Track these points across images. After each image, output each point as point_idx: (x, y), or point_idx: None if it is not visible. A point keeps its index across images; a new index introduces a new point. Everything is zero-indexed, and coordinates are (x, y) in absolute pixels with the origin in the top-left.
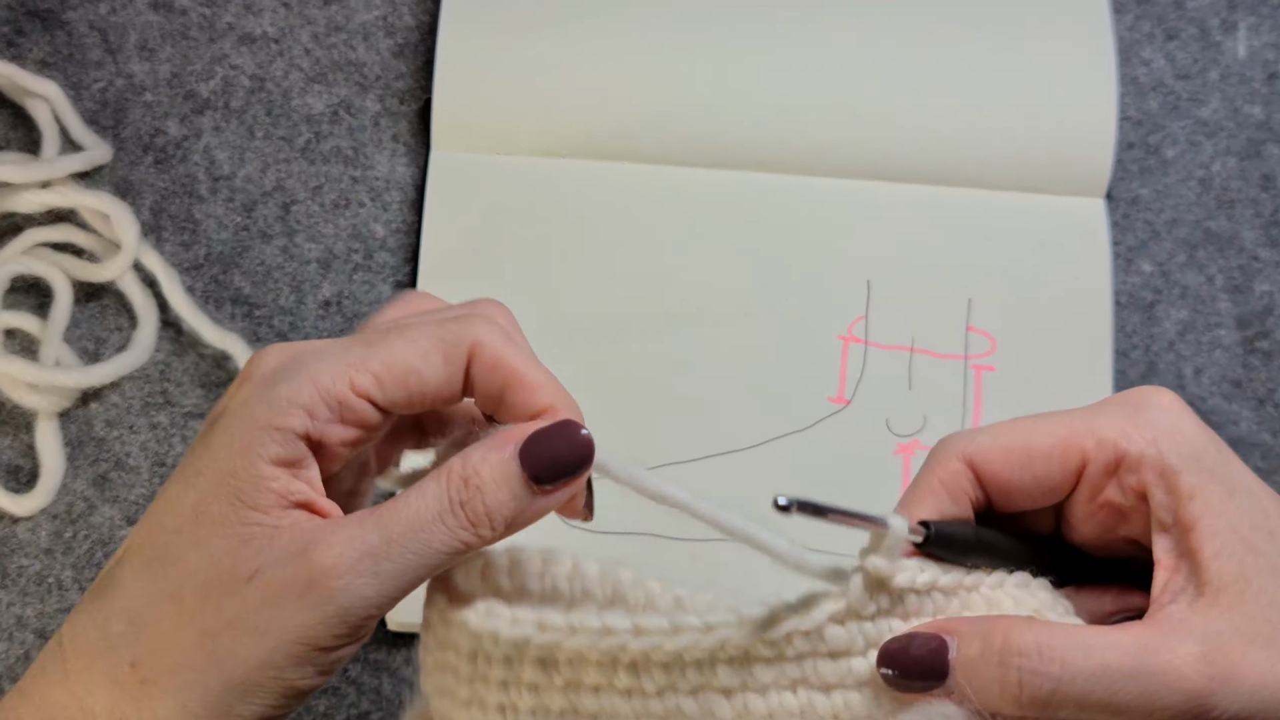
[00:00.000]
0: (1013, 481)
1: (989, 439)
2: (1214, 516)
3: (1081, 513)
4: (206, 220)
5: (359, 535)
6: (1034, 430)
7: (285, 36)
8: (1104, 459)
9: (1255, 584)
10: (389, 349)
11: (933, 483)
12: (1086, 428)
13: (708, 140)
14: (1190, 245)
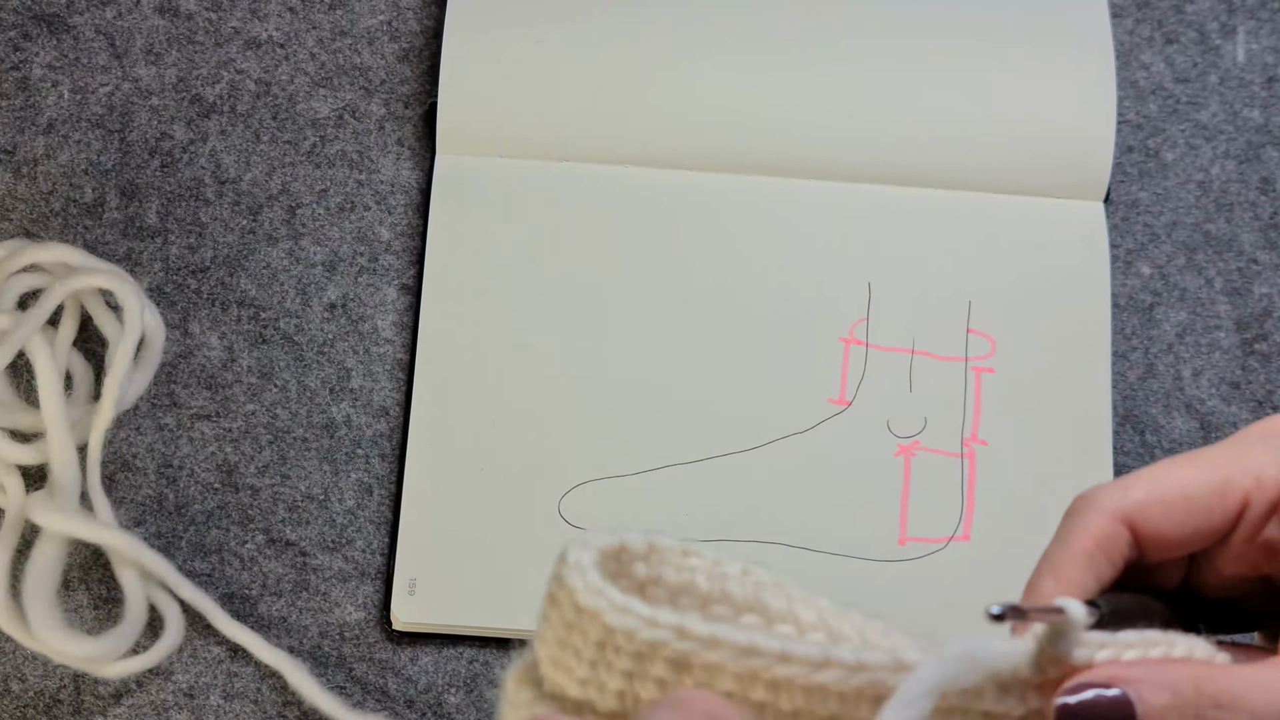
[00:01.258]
0: (1174, 535)
1: (1144, 493)
2: None
3: (1234, 554)
4: (212, 223)
5: None
6: (1189, 478)
7: (291, 41)
8: (1266, 499)
9: None
10: None
11: (1087, 544)
12: (1242, 467)
13: (710, 144)
14: (1189, 248)
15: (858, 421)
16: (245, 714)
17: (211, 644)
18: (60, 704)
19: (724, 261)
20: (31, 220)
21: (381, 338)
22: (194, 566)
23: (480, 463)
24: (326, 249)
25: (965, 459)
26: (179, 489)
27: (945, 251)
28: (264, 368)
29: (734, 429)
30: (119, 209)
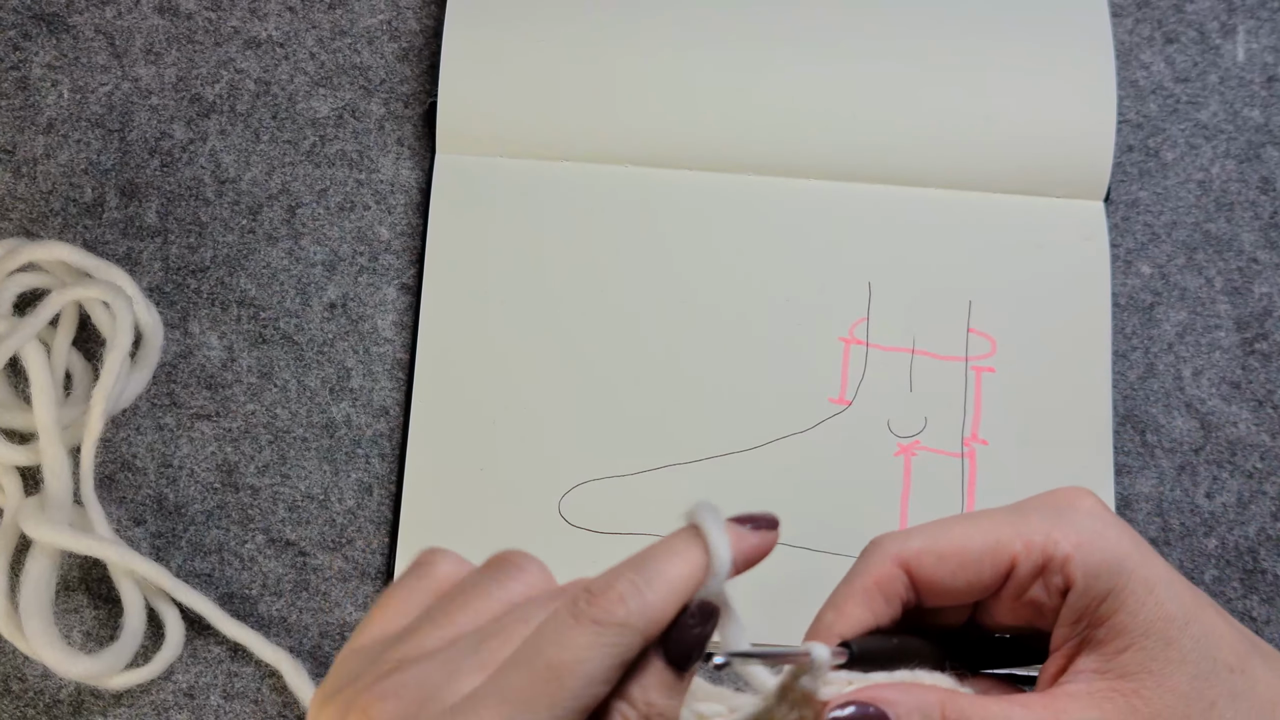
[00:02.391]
0: (945, 583)
1: (922, 543)
2: (1128, 615)
3: (1004, 608)
4: (212, 223)
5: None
6: (965, 535)
7: (290, 40)
8: (1031, 562)
9: (1159, 674)
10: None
11: (867, 584)
12: (1014, 531)
13: (710, 144)
14: (1189, 248)
15: (858, 421)
16: (245, 714)
17: (211, 644)
18: (60, 704)
19: (723, 261)
20: (31, 220)
21: (381, 337)
22: (194, 566)
23: (480, 462)
24: (326, 249)
25: (965, 459)
26: (179, 489)
27: (945, 251)
28: (264, 367)
29: (734, 428)
30: (118, 208)
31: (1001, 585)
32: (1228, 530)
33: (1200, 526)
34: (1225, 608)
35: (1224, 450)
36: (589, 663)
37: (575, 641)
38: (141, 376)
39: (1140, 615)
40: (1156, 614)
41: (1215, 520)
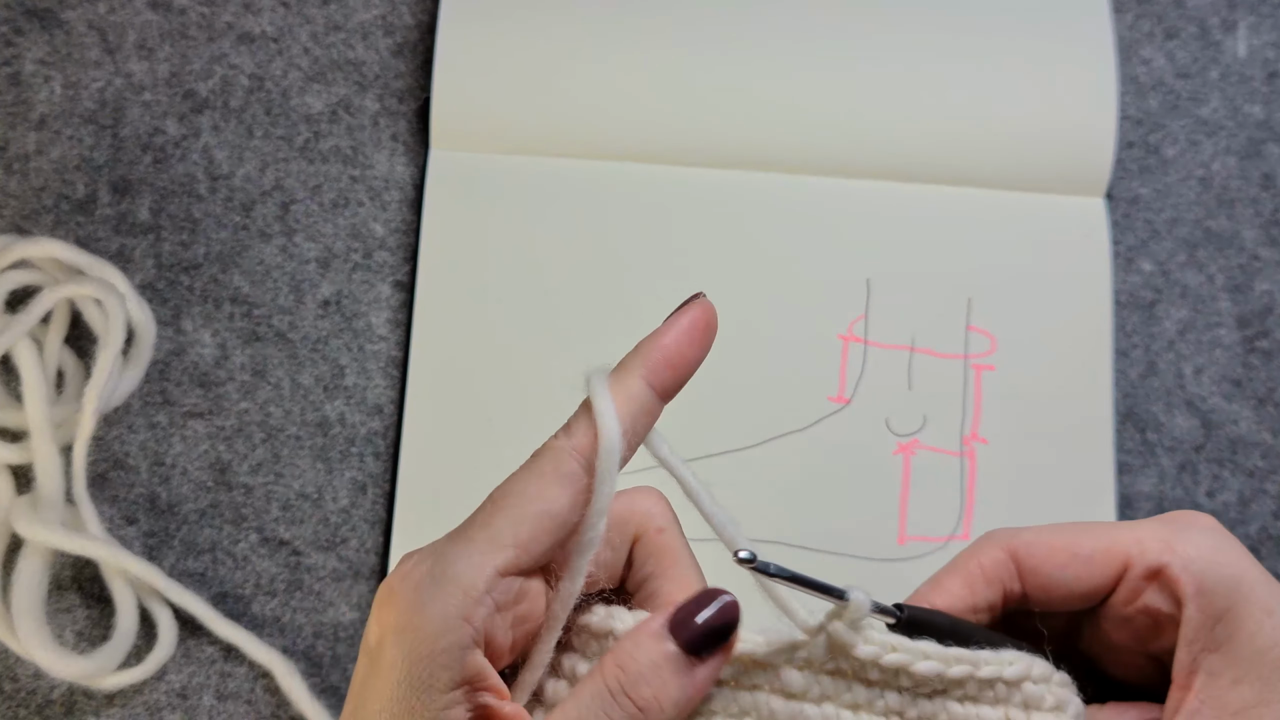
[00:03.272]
0: (1054, 578)
1: (1035, 535)
2: (1242, 642)
3: (1115, 619)
4: (205, 219)
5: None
6: (1080, 531)
7: (284, 36)
8: (1146, 564)
9: (1274, 706)
10: (506, 524)
11: (971, 566)
12: (1132, 536)
13: (706, 139)
14: (1190, 244)
15: (857, 419)
16: (238, 714)
17: (204, 644)
18: (52, 704)
19: (721, 258)
20: (23, 216)
21: (375, 335)
22: (186, 566)
23: (475, 460)
24: (320, 245)
25: (965, 457)
26: (171, 487)
27: (945, 248)
28: (257, 365)
29: (732, 427)
30: (111, 205)
31: (1111, 590)
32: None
33: None
34: None
35: (1225, 448)
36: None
37: (514, 475)
38: (134, 374)
39: (1259, 640)
40: (1275, 639)
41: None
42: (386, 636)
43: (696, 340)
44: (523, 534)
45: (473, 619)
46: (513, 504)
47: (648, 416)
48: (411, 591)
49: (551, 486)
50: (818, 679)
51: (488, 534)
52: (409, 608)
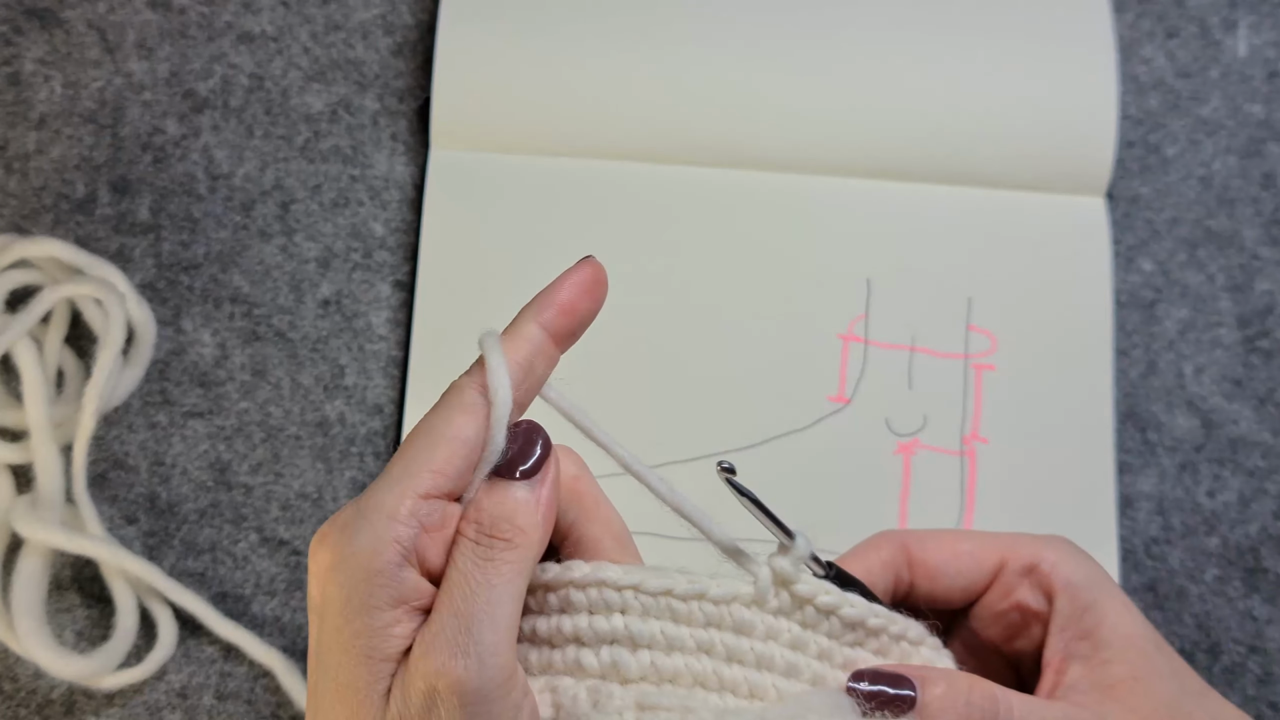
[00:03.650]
0: (940, 570)
1: (925, 533)
2: (1109, 630)
3: (989, 614)
4: (205, 219)
5: (437, 631)
6: (963, 534)
7: (284, 35)
8: (1020, 563)
9: (1145, 682)
10: (419, 453)
11: (869, 555)
12: (1007, 541)
13: (706, 139)
14: (1191, 244)
15: (857, 419)
16: (238, 714)
17: (204, 644)
18: (52, 704)
19: (721, 258)
20: (23, 216)
21: (375, 334)
22: (186, 565)
23: None
24: (320, 245)
25: (965, 457)
26: (171, 487)
27: (945, 247)
28: (257, 365)
29: (732, 426)
30: (111, 205)
31: (989, 585)
32: (1229, 529)
33: (1202, 525)
34: (1226, 607)
35: (1225, 448)
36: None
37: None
38: (134, 374)
39: (1121, 628)
40: (1134, 630)
41: (1217, 519)
42: (325, 581)
43: (587, 293)
44: (436, 460)
45: (401, 539)
46: (424, 436)
47: (543, 357)
48: (339, 532)
49: (457, 416)
50: (762, 618)
51: (403, 465)
52: (338, 544)
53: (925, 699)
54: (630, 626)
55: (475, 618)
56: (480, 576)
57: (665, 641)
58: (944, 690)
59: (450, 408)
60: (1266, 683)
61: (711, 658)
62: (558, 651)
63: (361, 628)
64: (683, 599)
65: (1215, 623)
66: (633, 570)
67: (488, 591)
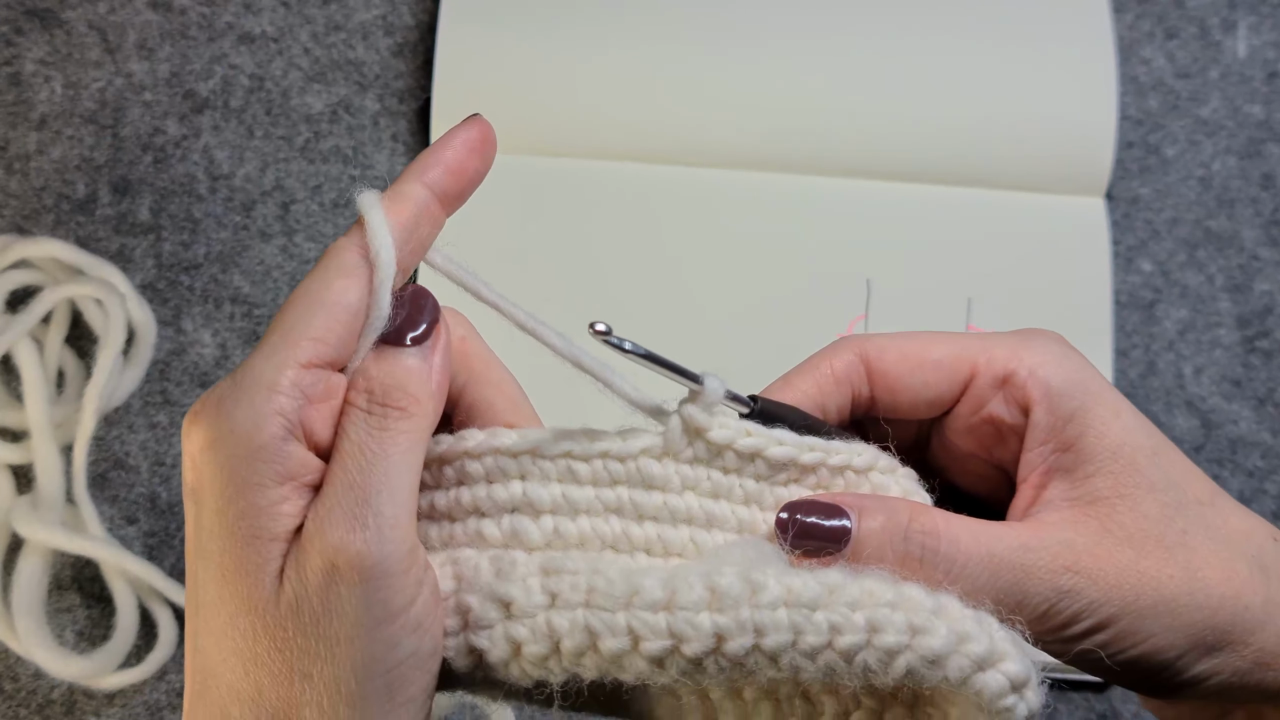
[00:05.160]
0: (902, 382)
1: (887, 340)
2: (1094, 439)
3: (961, 426)
4: (206, 219)
5: (331, 504)
6: (931, 340)
7: (284, 36)
8: (993, 373)
9: (1130, 498)
10: (297, 320)
11: (823, 367)
12: (980, 345)
13: (707, 140)
14: (1190, 244)
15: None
16: None
17: None
18: (53, 704)
19: (722, 258)
20: (24, 216)
21: None
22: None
23: None
24: (320, 245)
25: None
26: (172, 487)
27: (946, 248)
28: None
29: None
30: (111, 205)
31: (959, 398)
32: None
33: None
34: None
35: (1225, 448)
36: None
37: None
38: (134, 374)
39: (1107, 438)
40: (1124, 439)
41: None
42: (201, 461)
43: (475, 151)
44: (316, 327)
45: (283, 411)
46: (301, 302)
47: (428, 218)
48: (214, 407)
49: (336, 279)
50: (677, 469)
51: (281, 333)
52: (215, 421)
53: (860, 532)
54: (529, 493)
55: (373, 489)
56: (376, 447)
57: (569, 505)
58: (882, 523)
59: (328, 271)
60: None
61: (621, 517)
62: (458, 525)
63: (246, 507)
64: (584, 459)
65: None
66: (529, 433)
67: (384, 462)
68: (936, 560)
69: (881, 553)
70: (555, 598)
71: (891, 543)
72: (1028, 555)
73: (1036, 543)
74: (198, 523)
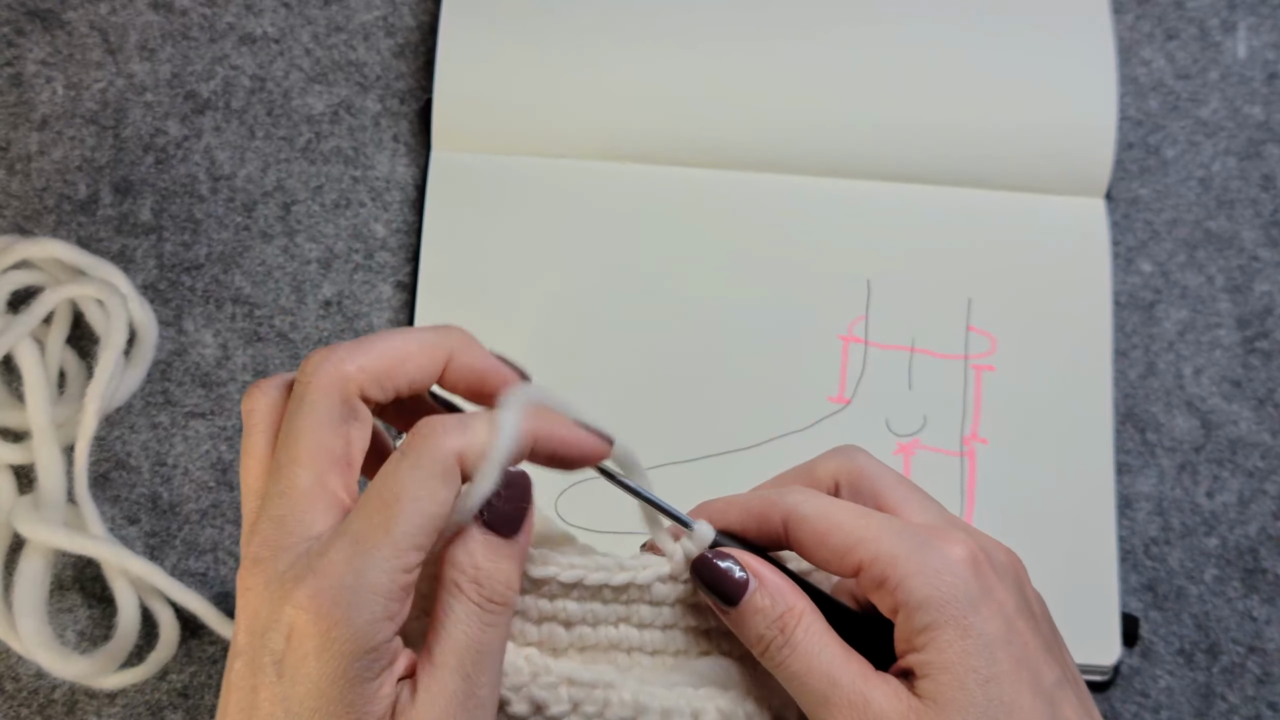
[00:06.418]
0: (811, 555)
1: (811, 510)
2: (935, 651)
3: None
4: (207, 220)
5: (444, 691)
6: (835, 528)
7: (286, 36)
8: (872, 576)
9: (947, 709)
10: (406, 523)
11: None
12: (874, 550)
13: (707, 140)
14: (1190, 245)
15: (857, 420)
16: None
17: (206, 644)
18: (54, 704)
19: (722, 258)
20: (25, 217)
21: None
22: (188, 565)
23: None
24: (321, 246)
25: (965, 458)
26: (173, 487)
27: (945, 248)
28: (258, 365)
29: (732, 427)
30: (113, 205)
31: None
32: (1228, 529)
33: (1201, 526)
34: (1225, 608)
35: (1225, 449)
36: (412, 489)
37: (401, 476)
38: (135, 374)
39: (944, 655)
40: (959, 661)
41: (1216, 519)
42: (307, 650)
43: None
44: (421, 538)
45: (394, 617)
46: (409, 509)
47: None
48: (330, 605)
49: (440, 490)
50: (672, 588)
51: (391, 541)
52: (332, 619)
53: (746, 598)
54: (568, 610)
55: (484, 683)
56: (487, 642)
57: (594, 618)
58: (768, 604)
59: (434, 480)
60: (1266, 683)
61: (628, 624)
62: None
63: (355, 699)
64: (617, 589)
65: (1214, 623)
66: (575, 564)
67: (493, 657)
68: (779, 659)
69: (748, 629)
70: (577, 707)
71: (760, 622)
72: (857, 700)
73: (867, 698)
74: (283, 693)
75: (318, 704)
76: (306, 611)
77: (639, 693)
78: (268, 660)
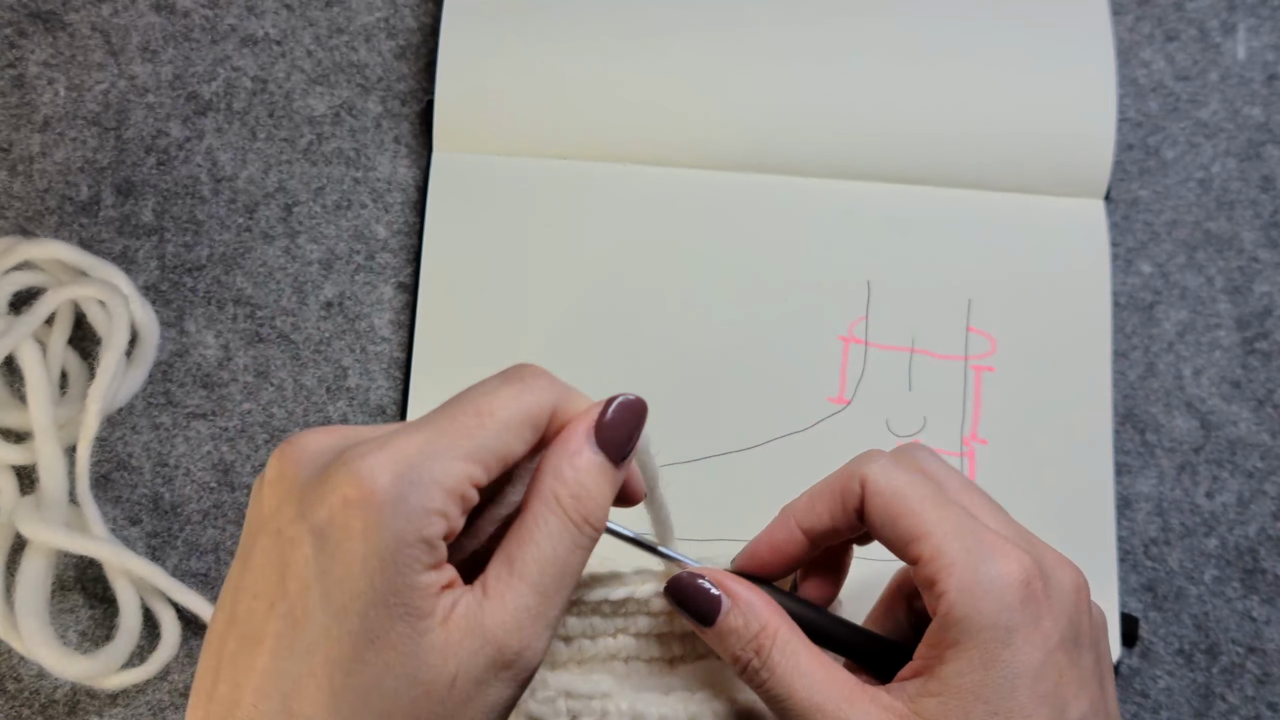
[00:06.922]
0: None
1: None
2: (954, 672)
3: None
4: (209, 221)
5: (520, 602)
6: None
7: (287, 38)
8: (925, 574)
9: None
10: (490, 439)
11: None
12: (942, 536)
13: (708, 142)
14: (1190, 246)
15: (857, 420)
16: None
17: None
18: (56, 704)
19: (722, 259)
20: (27, 218)
21: (378, 336)
22: (189, 566)
23: None
24: (323, 247)
25: (965, 458)
26: (175, 488)
27: (945, 249)
28: (260, 366)
29: (733, 427)
30: (115, 207)
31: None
32: (1228, 530)
33: (1200, 526)
34: (1225, 608)
35: (1224, 450)
36: (506, 414)
37: (502, 397)
38: (137, 375)
39: (961, 680)
40: (972, 690)
41: (1215, 520)
42: (352, 522)
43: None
44: (493, 462)
45: (449, 518)
46: (500, 430)
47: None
48: (391, 480)
49: (527, 431)
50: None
51: (471, 447)
52: (393, 498)
53: (720, 617)
54: (567, 625)
55: (559, 601)
56: (573, 563)
57: (593, 631)
58: (741, 624)
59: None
60: (1265, 683)
61: (625, 635)
62: None
63: (403, 588)
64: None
65: (1214, 623)
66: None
67: (573, 578)
68: (758, 679)
69: (726, 649)
70: (575, 718)
71: (736, 643)
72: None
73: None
74: (321, 569)
75: (361, 587)
76: (364, 480)
77: (636, 701)
78: (304, 531)
